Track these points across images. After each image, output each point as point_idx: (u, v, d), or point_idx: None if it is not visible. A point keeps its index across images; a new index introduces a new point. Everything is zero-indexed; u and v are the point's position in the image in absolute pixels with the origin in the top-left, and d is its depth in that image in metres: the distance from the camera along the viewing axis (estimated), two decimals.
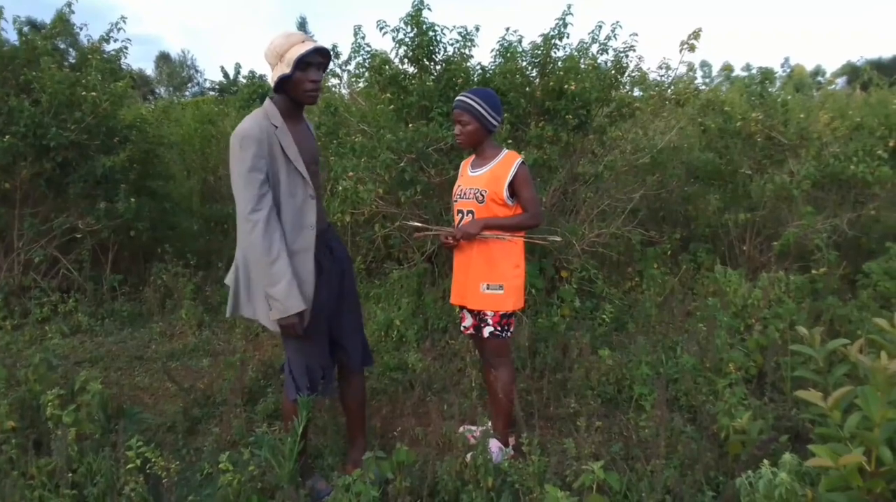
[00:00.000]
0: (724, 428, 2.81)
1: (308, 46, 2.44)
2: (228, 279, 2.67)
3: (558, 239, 3.44)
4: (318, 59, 2.51)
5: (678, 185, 6.20)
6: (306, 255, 2.56)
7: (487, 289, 2.93)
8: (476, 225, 2.89)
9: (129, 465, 2.71)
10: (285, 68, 2.44)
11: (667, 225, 6.22)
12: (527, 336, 4.06)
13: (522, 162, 2.92)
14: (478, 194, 2.91)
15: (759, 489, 1.94)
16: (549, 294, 4.88)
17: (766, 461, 2.02)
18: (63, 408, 2.93)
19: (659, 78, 5.42)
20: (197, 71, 53.50)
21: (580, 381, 3.71)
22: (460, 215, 3.01)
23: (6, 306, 5.28)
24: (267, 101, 2.57)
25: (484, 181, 2.92)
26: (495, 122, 2.96)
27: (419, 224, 3.12)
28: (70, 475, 2.68)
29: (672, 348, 4.01)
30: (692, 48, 4.85)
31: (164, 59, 53.50)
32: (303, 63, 2.46)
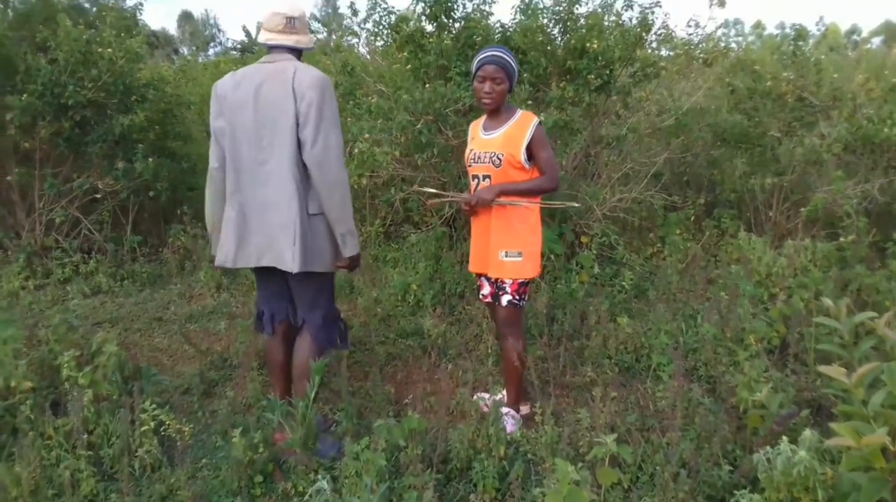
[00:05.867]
0: (744, 401, 2.75)
1: None
2: (285, 233, 2.59)
3: (576, 204, 3.34)
4: None
5: (703, 149, 6.01)
6: None
7: (506, 256, 2.87)
8: (492, 191, 2.81)
9: (144, 427, 2.73)
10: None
11: (691, 189, 6.06)
12: (544, 302, 4.00)
13: (539, 122, 2.82)
14: (494, 158, 2.82)
15: (778, 466, 1.88)
16: (569, 260, 4.80)
17: (785, 438, 1.96)
18: (80, 369, 2.94)
19: (687, 36, 5.23)
20: (219, 30, 52.90)
21: (597, 349, 3.66)
22: (476, 180, 2.92)
23: (28, 266, 5.32)
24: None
25: (499, 144, 2.82)
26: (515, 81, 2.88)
27: (433, 190, 3.05)
28: (86, 436, 2.70)
29: (692, 317, 3.93)
30: (722, 4, 4.66)
31: (186, 17, 53.00)
32: None
